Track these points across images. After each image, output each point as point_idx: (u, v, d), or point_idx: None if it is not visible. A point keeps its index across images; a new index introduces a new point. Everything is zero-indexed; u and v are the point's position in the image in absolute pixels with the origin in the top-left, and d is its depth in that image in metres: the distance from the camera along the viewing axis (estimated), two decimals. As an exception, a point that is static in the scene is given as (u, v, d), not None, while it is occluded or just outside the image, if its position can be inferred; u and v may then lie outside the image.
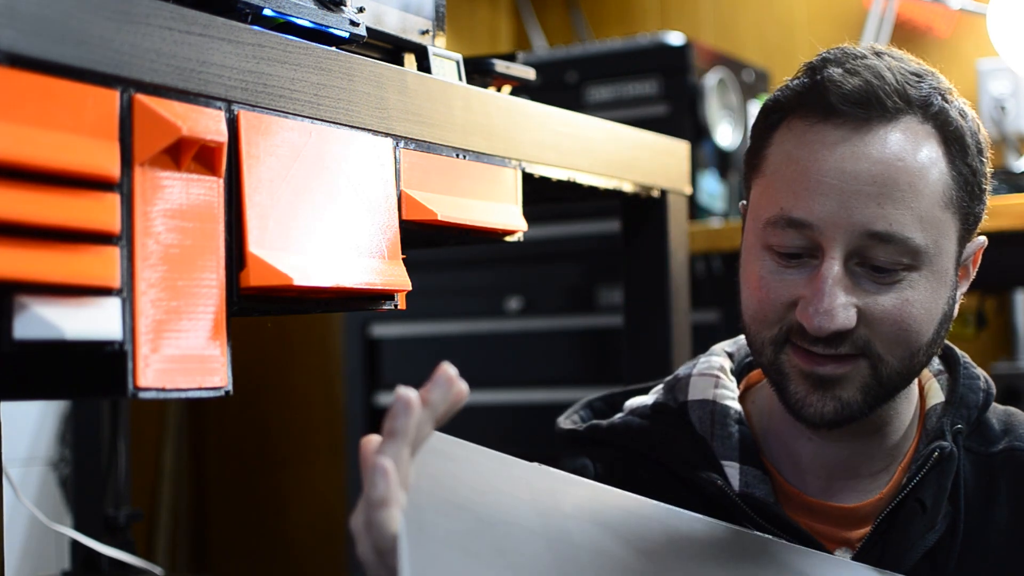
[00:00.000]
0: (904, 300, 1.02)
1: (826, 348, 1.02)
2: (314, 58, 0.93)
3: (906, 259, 1.01)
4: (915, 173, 1.01)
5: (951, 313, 1.07)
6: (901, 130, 1.02)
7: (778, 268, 1.04)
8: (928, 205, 1.02)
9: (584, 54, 2.32)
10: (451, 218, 1.05)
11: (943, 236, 1.03)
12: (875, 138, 1.02)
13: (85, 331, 0.73)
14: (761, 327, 1.05)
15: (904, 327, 1.02)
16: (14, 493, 1.81)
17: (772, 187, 1.05)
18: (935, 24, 2.59)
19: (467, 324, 2.31)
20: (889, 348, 1.02)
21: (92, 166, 0.73)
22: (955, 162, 1.04)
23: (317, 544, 2.72)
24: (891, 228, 1.00)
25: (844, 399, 1.03)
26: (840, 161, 1.01)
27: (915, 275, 1.02)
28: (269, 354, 2.75)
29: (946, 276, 1.04)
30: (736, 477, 1.10)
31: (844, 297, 1.01)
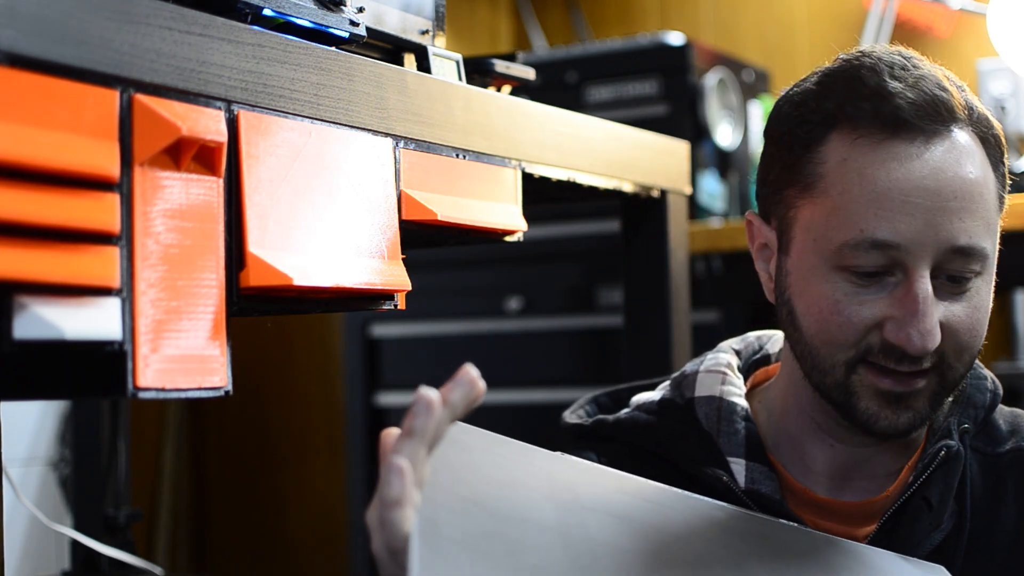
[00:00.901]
0: (974, 307, 1.03)
1: (912, 365, 1.02)
2: (314, 58, 0.93)
3: (977, 267, 1.03)
4: (981, 183, 1.03)
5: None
6: (961, 140, 1.04)
7: (855, 290, 1.03)
8: (991, 212, 1.04)
9: (584, 54, 2.32)
10: (451, 218, 1.05)
11: (997, 239, 1.06)
12: (945, 151, 1.02)
13: (85, 331, 0.73)
14: (836, 350, 1.04)
15: (975, 334, 1.03)
16: (14, 493, 1.81)
17: (845, 209, 1.03)
18: (935, 24, 2.59)
19: (467, 324, 2.31)
20: (959, 355, 1.03)
21: (92, 166, 0.73)
22: (997, 166, 1.06)
23: (317, 544, 2.72)
24: (971, 241, 1.01)
25: (916, 409, 1.03)
26: (921, 179, 1.01)
27: (981, 281, 1.04)
28: (269, 354, 2.75)
29: (992, 278, 1.06)
30: (742, 473, 1.10)
31: (936, 315, 1.01)
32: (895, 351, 1.01)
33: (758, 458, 1.11)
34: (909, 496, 1.06)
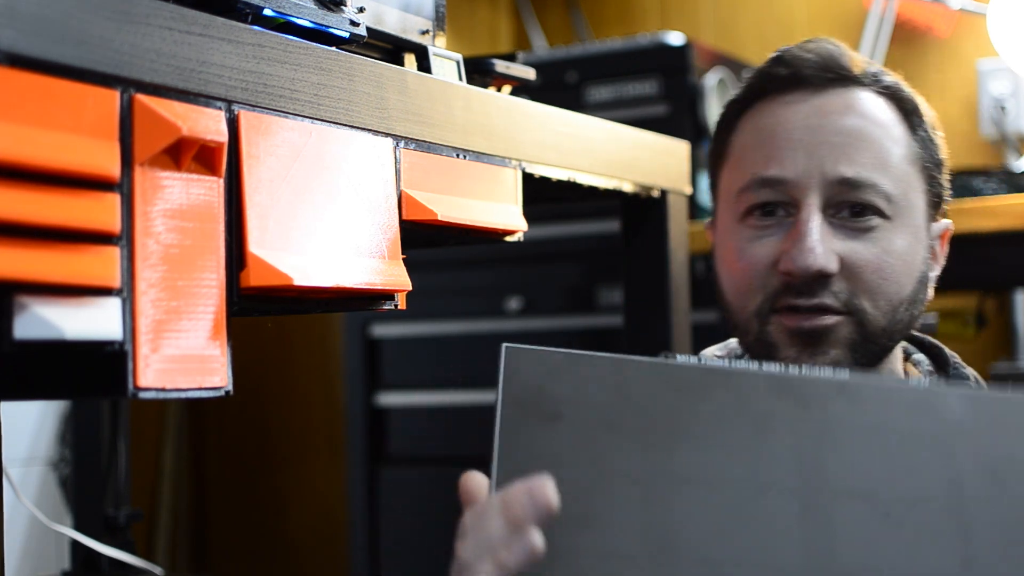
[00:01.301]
0: (882, 249, 1.04)
1: (810, 298, 1.03)
2: (314, 58, 0.93)
3: (878, 203, 1.04)
4: (878, 126, 1.06)
5: (926, 280, 1.09)
6: (857, 93, 1.08)
7: (755, 235, 1.07)
8: (894, 157, 1.06)
9: (584, 54, 2.32)
10: (451, 218, 1.05)
11: (912, 190, 1.07)
12: (837, 97, 1.07)
13: (85, 331, 0.73)
14: (746, 299, 1.07)
15: (884, 275, 1.04)
16: (14, 493, 1.81)
17: (741, 161, 1.09)
18: (935, 24, 2.59)
19: (467, 324, 2.31)
20: (872, 299, 1.04)
21: (92, 166, 0.73)
22: (913, 126, 1.09)
23: (317, 544, 2.72)
24: (860, 173, 1.04)
25: (834, 355, 1.04)
26: (805, 118, 1.07)
27: (888, 224, 1.05)
28: (269, 354, 2.75)
29: (919, 233, 1.07)
30: None
31: (824, 240, 1.03)
32: (791, 284, 1.03)
33: None
34: None
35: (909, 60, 2.61)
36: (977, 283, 2.09)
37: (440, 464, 2.32)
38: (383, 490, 2.35)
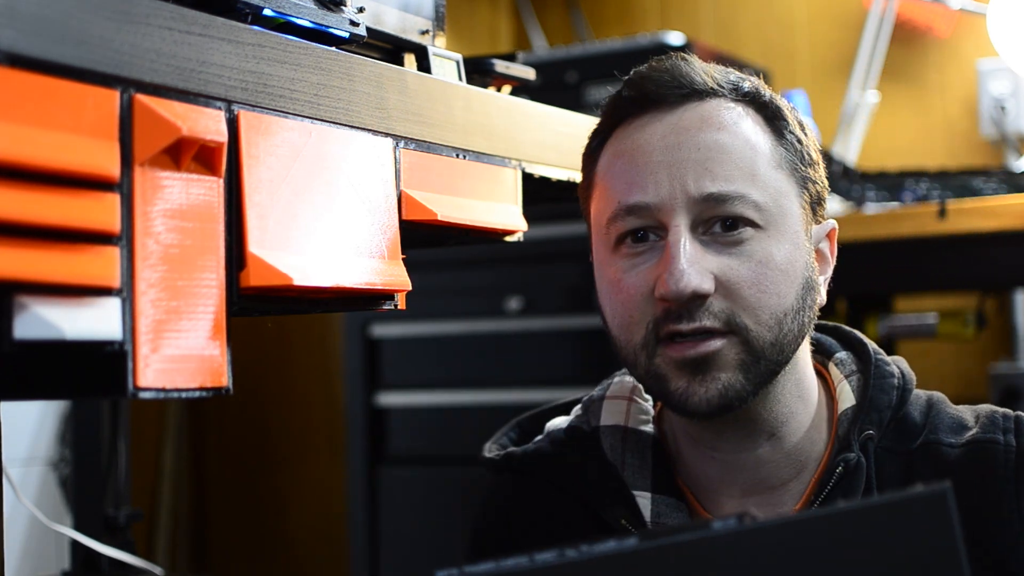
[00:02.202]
0: (757, 261, 1.01)
1: (690, 322, 1.00)
2: (314, 58, 0.93)
3: (749, 214, 1.01)
4: (736, 135, 1.03)
5: (812, 285, 1.05)
6: (714, 105, 1.05)
7: (629, 264, 1.04)
8: (757, 163, 1.03)
9: (584, 54, 2.32)
10: (451, 218, 1.05)
11: (783, 196, 1.04)
12: (692, 112, 1.05)
13: (85, 331, 0.73)
14: (630, 332, 1.03)
15: (763, 288, 1.01)
16: (14, 493, 1.81)
17: (606, 190, 1.06)
18: (935, 24, 2.59)
19: (467, 324, 2.31)
20: (754, 315, 1.00)
21: (92, 166, 0.73)
22: (778, 130, 1.06)
23: (317, 544, 2.72)
24: (724, 187, 1.01)
25: (724, 380, 1.01)
26: (662, 139, 1.04)
27: (762, 235, 1.02)
28: (269, 354, 2.75)
29: (797, 239, 1.04)
30: (648, 507, 1.07)
31: (696, 260, 1.00)
32: (670, 310, 1.00)
33: (666, 489, 1.08)
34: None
35: (909, 60, 2.61)
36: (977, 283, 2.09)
37: (440, 464, 2.32)
38: (383, 490, 2.36)
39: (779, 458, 1.07)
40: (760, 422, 1.06)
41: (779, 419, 1.06)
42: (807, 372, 1.09)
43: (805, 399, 1.08)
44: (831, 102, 2.57)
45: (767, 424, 1.06)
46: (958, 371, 2.52)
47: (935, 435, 1.07)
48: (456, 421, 2.30)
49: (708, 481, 1.08)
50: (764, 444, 1.06)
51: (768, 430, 1.06)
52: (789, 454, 1.07)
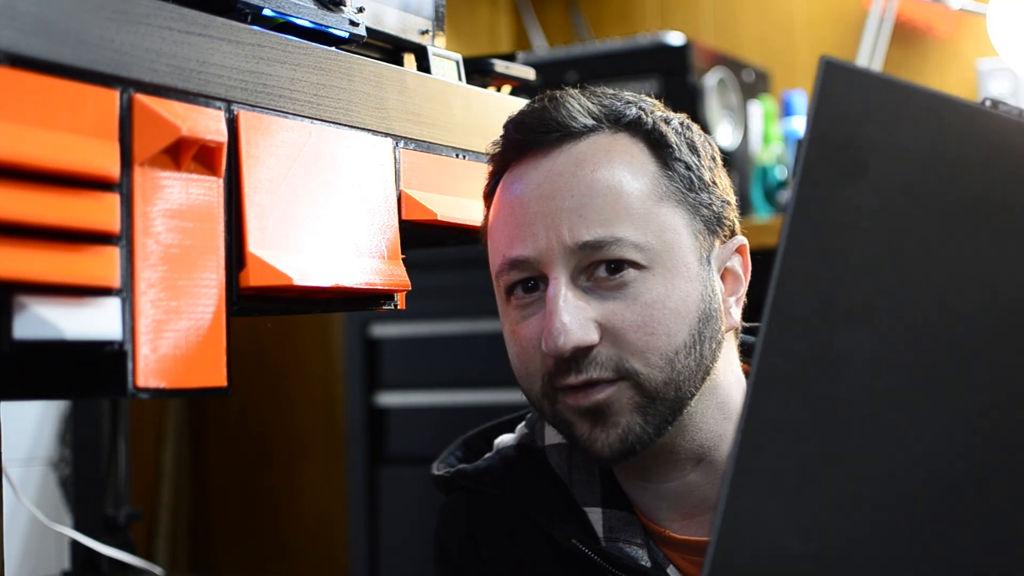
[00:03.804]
0: (643, 304, 0.99)
1: (578, 375, 0.99)
2: (314, 58, 0.93)
3: (630, 257, 0.99)
4: (613, 174, 1.01)
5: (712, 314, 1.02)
6: (590, 143, 1.02)
7: (520, 315, 1.03)
8: (637, 202, 1.00)
9: (584, 54, 2.32)
10: (451, 218, 1.05)
11: (667, 231, 1.01)
12: (564, 156, 1.02)
13: (85, 331, 0.73)
14: (530, 382, 1.03)
15: (650, 330, 0.99)
16: (14, 493, 1.81)
17: (493, 242, 1.05)
18: (935, 24, 2.59)
19: (467, 324, 2.31)
20: (643, 358, 0.99)
21: (92, 166, 0.73)
22: (663, 158, 1.03)
23: (317, 544, 2.72)
24: (600, 233, 0.99)
25: (624, 425, 0.99)
26: (537, 188, 1.02)
27: (647, 275, 1.00)
28: (269, 354, 2.75)
29: (689, 272, 1.01)
30: (600, 522, 1.06)
31: (577, 312, 0.98)
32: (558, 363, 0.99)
33: (616, 503, 1.07)
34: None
35: (909, 60, 2.61)
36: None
37: (440, 464, 2.32)
38: (383, 490, 2.35)
39: (712, 480, 1.05)
40: (682, 452, 1.04)
41: (705, 445, 1.04)
42: (732, 392, 1.06)
43: (732, 418, 1.05)
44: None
45: (691, 452, 1.04)
46: (958, 371, 2.51)
47: None
48: (456, 421, 2.29)
49: (645, 504, 1.07)
50: (692, 471, 1.05)
51: (694, 457, 1.04)
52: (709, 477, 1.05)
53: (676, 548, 1.06)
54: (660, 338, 0.99)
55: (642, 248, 0.99)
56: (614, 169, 1.01)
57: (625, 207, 1.00)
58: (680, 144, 1.04)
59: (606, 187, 1.00)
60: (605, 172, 1.01)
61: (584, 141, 1.02)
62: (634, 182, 1.01)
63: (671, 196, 1.02)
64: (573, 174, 1.01)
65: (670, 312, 0.99)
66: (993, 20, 2.31)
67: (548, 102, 1.04)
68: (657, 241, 1.00)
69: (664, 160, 1.03)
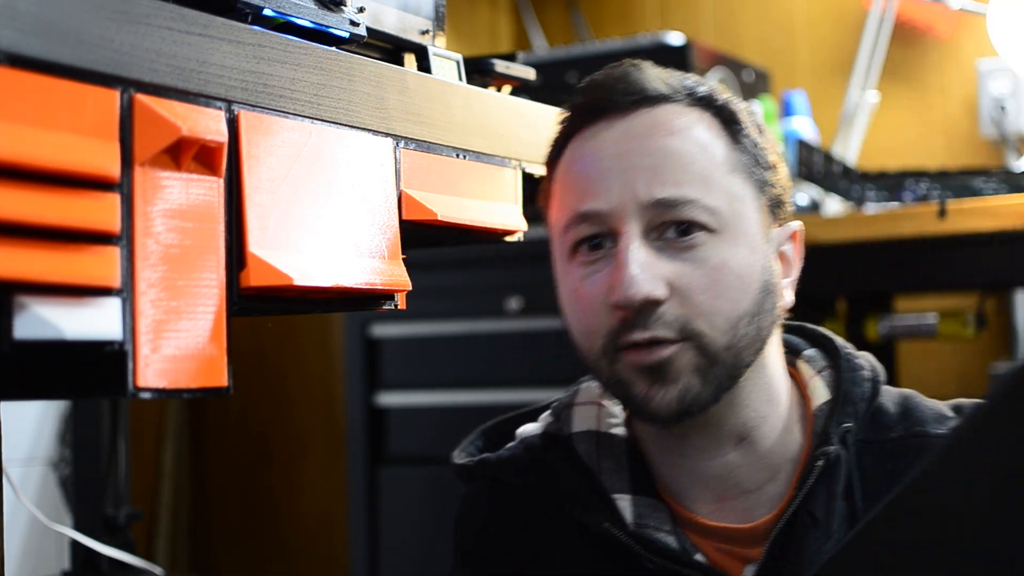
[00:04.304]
0: (711, 267, 1.00)
1: (644, 331, 1.00)
2: (314, 58, 0.93)
3: (701, 218, 1.01)
4: (689, 140, 1.03)
5: (772, 288, 1.04)
6: (665, 110, 1.05)
7: (585, 272, 1.04)
8: (710, 168, 1.02)
9: (584, 54, 2.32)
10: (451, 218, 1.05)
11: (736, 200, 1.03)
12: (644, 118, 1.04)
13: (85, 331, 0.73)
14: (591, 341, 1.03)
15: (717, 293, 1.00)
16: (14, 493, 1.81)
17: (562, 198, 1.06)
18: (935, 24, 2.59)
19: (467, 324, 2.31)
20: (708, 320, 1.00)
21: (92, 166, 0.73)
22: (734, 134, 1.05)
23: (317, 544, 2.72)
24: (675, 193, 1.01)
25: (683, 384, 1.00)
26: (614, 145, 1.04)
27: (716, 239, 1.01)
28: (269, 354, 2.75)
29: (754, 243, 1.03)
30: (628, 509, 1.07)
31: (648, 266, 1.00)
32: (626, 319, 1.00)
33: (645, 490, 1.07)
34: (794, 513, 1.02)
35: (909, 60, 2.61)
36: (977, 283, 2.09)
37: (440, 464, 2.31)
38: (383, 490, 2.35)
39: (751, 462, 1.06)
40: (727, 428, 1.05)
41: (748, 424, 1.05)
42: (777, 376, 1.07)
43: (776, 402, 1.07)
44: (831, 102, 2.57)
45: (735, 429, 1.05)
46: (958, 371, 2.52)
47: (921, 427, 1.06)
48: (456, 421, 2.29)
49: (683, 483, 1.08)
50: (733, 450, 1.06)
51: (736, 435, 1.05)
52: (762, 458, 1.06)
53: (705, 534, 1.06)
54: (725, 302, 1.00)
55: (714, 213, 1.01)
56: (689, 135, 1.03)
57: (699, 171, 1.02)
58: (749, 123, 1.07)
59: (681, 151, 1.02)
60: (680, 137, 1.03)
61: (660, 108, 1.05)
62: (708, 150, 1.03)
63: (741, 169, 1.04)
64: (649, 135, 1.03)
65: (736, 278, 1.01)
66: (993, 20, 2.31)
67: (628, 67, 1.07)
68: (728, 209, 1.02)
69: (734, 135, 1.05)
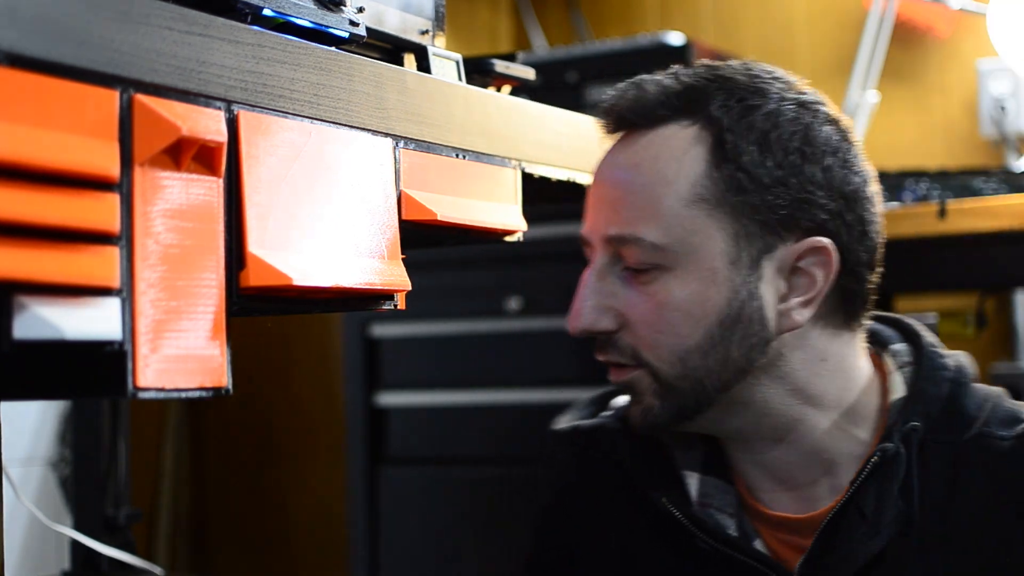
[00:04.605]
0: (656, 302, 1.03)
1: (602, 354, 1.07)
2: (314, 58, 0.93)
3: (651, 259, 1.03)
4: (652, 174, 1.04)
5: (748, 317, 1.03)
6: (657, 135, 1.05)
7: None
8: (667, 205, 1.03)
9: (584, 54, 2.32)
10: (451, 218, 1.05)
11: (695, 234, 1.02)
12: (630, 146, 1.07)
13: (85, 331, 0.73)
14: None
15: (659, 329, 1.03)
16: (14, 493, 1.81)
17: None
18: (935, 24, 2.59)
19: (467, 324, 2.31)
20: (654, 353, 1.04)
21: (92, 166, 0.73)
22: (722, 162, 1.02)
23: (317, 544, 2.72)
24: (623, 231, 1.04)
25: (645, 404, 1.06)
26: (602, 174, 1.09)
27: (668, 276, 1.03)
28: (269, 354, 2.75)
29: (713, 275, 1.02)
30: (695, 487, 1.09)
31: (597, 299, 1.05)
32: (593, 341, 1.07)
33: (715, 472, 1.09)
34: (844, 507, 1.03)
35: (909, 60, 2.61)
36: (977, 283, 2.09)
37: (440, 464, 2.32)
38: (383, 490, 2.35)
39: (798, 459, 1.07)
40: (755, 433, 1.07)
41: (780, 426, 1.07)
42: (812, 381, 1.06)
43: (815, 403, 1.07)
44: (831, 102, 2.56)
45: (766, 433, 1.07)
46: (958, 371, 2.51)
47: (988, 427, 1.05)
48: (456, 421, 2.30)
49: (748, 475, 1.10)
50: (775, 448, 1.07)
51: (771, 436, 1.07)
52: (809, 455, 1.07)
53: (766, 522, 1.08)
54: (668, 336, 1.03)
55: (662, 249, 1.02)
56: (655, 168, 1.04)
57: (656, 208, 1.03)
58: (745, 143, 1.03)
59: (643, 185, 1.04)
60: (643, 171, 1.05)
61: (656, 132, 1.06)
62: (672, 183, 1.03)
63: (710, 199, 1.02)
64: (624, 167, 1.06)
65: (682, 314, 1.02)
66: (993, 20, 2.31)
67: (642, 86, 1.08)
68: (680, 244, 1.02)
69: (720, 158, 1.03)
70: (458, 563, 2.27)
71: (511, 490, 2.21)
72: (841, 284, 1.06)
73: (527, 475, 2.18)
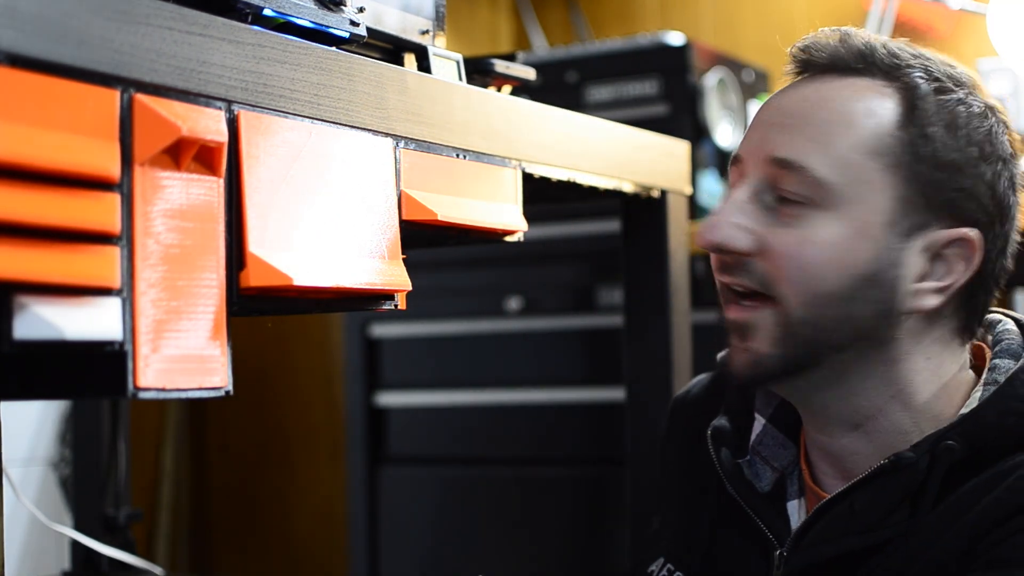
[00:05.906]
0: (804, 238, 1.01)
1: (723, 274, 1.04)
2: (314, 58, 0.93)
3: (810, 192, 1.01)
4: (839, 113, 1.03)
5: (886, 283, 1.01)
6: (850, 84, 1.05)
7: None
8: (846, 145, 1.02)
9: (584, 54, 2.32)
10: (451, 218, 1.05)
11: (862, 184, 1.01)
12: (818, 83, 1.06)
13: (85, 331, 0.73)
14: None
15: (801, 265, 1.00)
16: (14, 493, 1.81)
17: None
18: (935, 24, 2.59)
19: (467, 324, 2.31)
20: (790, 288, 1.01)
21: (92, 166, 0.73)
22: (909, 124, 1.02)
23: (317, 544, 2.72)
24: (792, 155, 1.01)
25: (754, 350, 1.03)
26: (777, 99, 1.07)
27: (821, 215, 1.01)
28: (269, 354, 2.75)
29: (867, 229, 1.01)
30: (757, 431, 1.12)
31: (738, 216, 1.02)
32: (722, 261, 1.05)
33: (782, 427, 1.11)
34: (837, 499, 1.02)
35: (909, 60, 2.60)
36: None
37: (440, 464, 2.32)
38: (383, 490, 2.35)
39: (867, 451, 1.05)
40: (834, 413, 1.06)
41: (861, 412, 1.05)
42: (915, 376, 1.04)
43: (903, 401, 1.04)
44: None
45: (845, 416, 1.05)
46: (958, 371, 2.51)
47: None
48: (456, 421, 2.29)
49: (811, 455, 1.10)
50: (846, 435, 1.06)
51: (848, 421, 1.05)
52: (880, 448, 1.04)
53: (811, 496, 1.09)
54: (810, 277, 1.01)
55: (825, 187, 1.01)
56: (846, 110, 1.03)
57: (832, 145, 1.02)
58: (936, 117, 1.03)
59: (825, 121, 1.03)
60: (835, 109, 1.03)
61: (850, 80, 1.05)
62: (858, 128, 1.02)
63: (887, 155, 1.02)
64: (808, 98, 1.05)
65: (829, 258, 1.01)
66: (993, 20, 2.31)
67: (845, 35, 1.09)
68: (845, 188, 1.01)
69: (909, 123, 1.02)
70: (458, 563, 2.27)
71: (511, 490, 2.21)
72: (971, 286, 1.04)
73: (527, 475, 2.18)
